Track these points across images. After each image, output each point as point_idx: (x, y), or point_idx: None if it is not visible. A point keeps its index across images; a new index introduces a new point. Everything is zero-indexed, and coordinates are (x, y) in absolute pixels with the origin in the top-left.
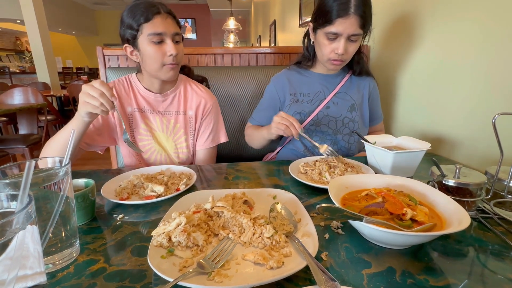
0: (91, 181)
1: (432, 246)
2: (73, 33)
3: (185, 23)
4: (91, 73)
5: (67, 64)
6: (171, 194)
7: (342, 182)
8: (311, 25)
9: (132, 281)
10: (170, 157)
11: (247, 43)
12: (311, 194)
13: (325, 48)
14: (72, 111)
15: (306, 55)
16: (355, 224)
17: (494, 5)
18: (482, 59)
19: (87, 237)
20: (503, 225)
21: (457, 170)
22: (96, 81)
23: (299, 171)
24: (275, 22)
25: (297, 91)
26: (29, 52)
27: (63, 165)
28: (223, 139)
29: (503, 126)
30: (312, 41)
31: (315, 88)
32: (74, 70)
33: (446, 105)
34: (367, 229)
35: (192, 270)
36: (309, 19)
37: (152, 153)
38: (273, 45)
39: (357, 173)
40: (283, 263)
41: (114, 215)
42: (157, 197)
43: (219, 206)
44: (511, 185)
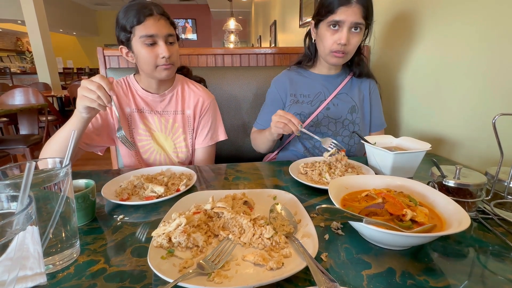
0: (92, 182)
1: (432, 247)
2: (74, 33)
3: (186, 23)
4: (92, 74)
5: (68, 64)
6: (171, 194)
7: (342, 182)
8: (313, 22)
9: (132, 282)
10: (169, 156)
11: (248, 43)
12: (311, 194)
13: (327, 40)
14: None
15: (307, 54)
16: (355, 225)
17: (494, 6)
18: (482, 59)
19: (87, 237)
20: (503, 226)
21: (457, 170)
22: (96, 76)
23: (299, 172)
24: (275, 22)
25: (298, 92)
26: (30, 52)
27: (63, 166)
28: (222, 137)
29: (503, 126)
30: (313, 40)
31: (316, 89)
32: (74, 70)
33: (446, 106)
34: (367, 230)
35: (192, 271)
36: (310, 19)
37: (151, 153)
38: (273, 45)
39: (357, 174)
40: (283, 264)
41: (114, 216)
42: (157, 198)
43: (219, 206)
44: (511, 186)
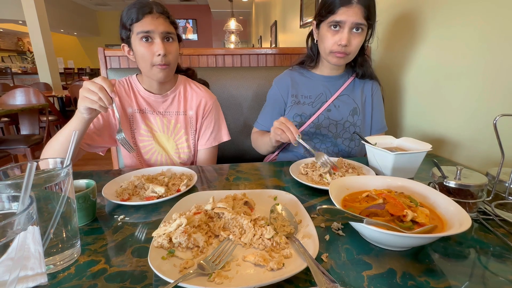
0: (92, 182)
1: (433, 247)
2: (75, 33)
3: (186, 23)
4: (93, 74)
5: (69, 64)
6: (172, 195)
7: (342, 183)
8: (315, 22)
9: (132, 282)
10: (171, 157)
11: (248, 43)
12: (311, 195)
13: (328, 40)
14: (73, 112)
15: (309, 55)
16: (355, 225)
17: (495, 7)
18: (483, 60)
19: (88, 238)
20: (504, 227)
21: (458, 171)
22: (98, 77)
23: (299, 172)
24: (276, 23)
25: (299, 93)
26: (31, 52)
27: (64, 166)
28: (225, 138)
29: (504, 127)
30: (315, 40)
31: (317, 90)
32: (75, 70)
33: (447, 106)
34: (368, 230)
35: (192, 271)
36: (310, 19)
37: (153, 153)
38: (274, 46)
39: (358, 174)
40: (284, 264)
41: (115, 216)
42: (158, 198)
43: (220, 207)
44: None
